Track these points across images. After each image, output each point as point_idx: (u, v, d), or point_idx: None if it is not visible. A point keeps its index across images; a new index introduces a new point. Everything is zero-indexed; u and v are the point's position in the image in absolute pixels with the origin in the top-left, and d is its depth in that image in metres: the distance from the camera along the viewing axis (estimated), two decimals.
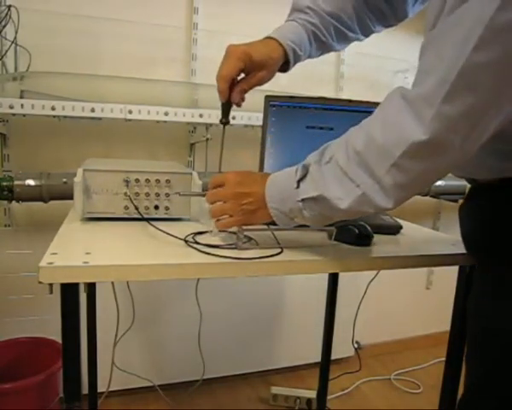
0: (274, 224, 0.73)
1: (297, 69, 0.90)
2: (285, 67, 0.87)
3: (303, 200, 0.67)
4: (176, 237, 0.78)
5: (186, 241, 0.77)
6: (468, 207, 0.64)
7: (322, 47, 0.93)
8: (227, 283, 1.78)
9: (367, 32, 0.96)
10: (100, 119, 1.42)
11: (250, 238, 0.81)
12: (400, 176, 0.59)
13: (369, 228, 0.83)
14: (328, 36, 0.90)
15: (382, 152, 0.59)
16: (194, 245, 0.75)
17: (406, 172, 0.59)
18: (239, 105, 0.85)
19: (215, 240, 0.79)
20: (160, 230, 0.80)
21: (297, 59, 0.88)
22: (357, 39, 0.96)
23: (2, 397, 1.30)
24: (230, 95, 0.83)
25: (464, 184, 1.73)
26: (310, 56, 0.92)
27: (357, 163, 0.61)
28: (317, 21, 0.88)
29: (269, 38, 0.85)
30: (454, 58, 0.52)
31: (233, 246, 0.76)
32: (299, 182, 0.67)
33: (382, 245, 0.86)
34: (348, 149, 0.62)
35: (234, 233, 0.78)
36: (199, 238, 0.79)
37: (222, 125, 0.87)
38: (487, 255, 0.74)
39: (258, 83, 0.85)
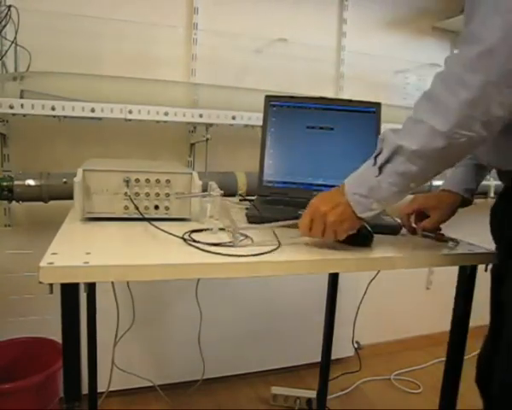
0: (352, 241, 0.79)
1: (297, 69, 0.90)
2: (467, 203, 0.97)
3: (380, 169, 0.70)
4: (174, 235, 0.78)
5: (184, 239, 0.77)
6: (506, 207, 0.66)
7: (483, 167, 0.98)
8: (227, 283, 1.78)
9: None
10: (100, 119, 1.42)
11: (246, 236, 0.82)
12: (464, 91, 0.63)
13: (369, 228, 0.83)
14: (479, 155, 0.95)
15: (447, 76, 0.65)
16: (193, 243, 0.76)
17: (469, 87, 0.62)
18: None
19: (213, 238, 0.79)
20: (160, 229, 0.80)
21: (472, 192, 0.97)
22: None
23: (2, 397, 1.30)
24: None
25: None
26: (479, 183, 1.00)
27: (425, 99, 0.67)
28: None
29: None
30: None
31: (230, 244, 0.76)
32: (376, 158, 0.71)
33: (382, 245, 0.86)
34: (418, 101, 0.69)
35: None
36: (197, 236, 0.80)
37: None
38: None
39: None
